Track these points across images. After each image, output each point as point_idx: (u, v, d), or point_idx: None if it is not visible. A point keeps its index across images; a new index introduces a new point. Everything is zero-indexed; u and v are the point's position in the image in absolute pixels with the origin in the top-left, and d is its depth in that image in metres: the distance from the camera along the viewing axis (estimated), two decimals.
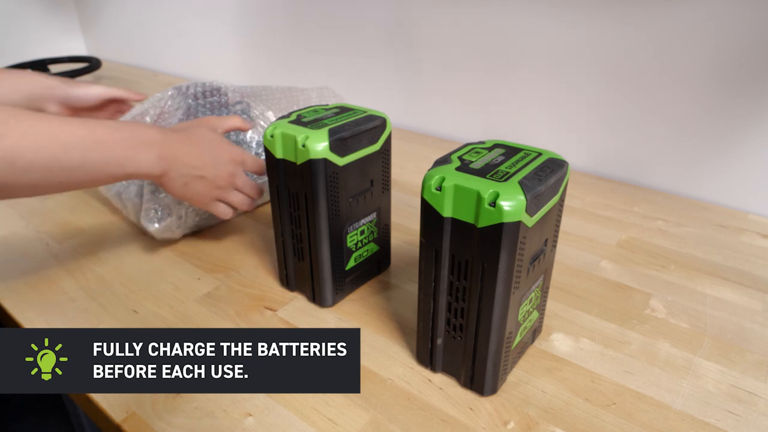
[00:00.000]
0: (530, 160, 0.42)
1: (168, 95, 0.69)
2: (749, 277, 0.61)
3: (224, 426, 0.42)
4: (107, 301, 0.57)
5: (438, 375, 0.47)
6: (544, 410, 0.44)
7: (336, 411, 0.44)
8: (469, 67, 0.97)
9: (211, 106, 0.71)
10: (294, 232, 0.54)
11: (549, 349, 0.50)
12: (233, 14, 1.34)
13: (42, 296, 0.58)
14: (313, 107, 0.56)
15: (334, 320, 0.54)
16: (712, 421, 0.43)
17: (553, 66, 0.88)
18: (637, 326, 0.53)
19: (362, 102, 0.67)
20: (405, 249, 0.66)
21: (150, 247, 0.67)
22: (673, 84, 0.78)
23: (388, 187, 0.57)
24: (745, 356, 0.49)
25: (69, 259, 0.64)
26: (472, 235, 0.39)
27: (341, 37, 1.14)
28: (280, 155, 0.51)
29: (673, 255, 0.65)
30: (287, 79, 1.31)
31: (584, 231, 0.71)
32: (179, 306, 0.56)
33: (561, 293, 0.58)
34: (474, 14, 0.93)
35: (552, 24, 0.85)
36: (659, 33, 0.76)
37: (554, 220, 0.44)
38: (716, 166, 0.78)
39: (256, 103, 0.76)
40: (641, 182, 0.85)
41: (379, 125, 0.53)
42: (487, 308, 0.40)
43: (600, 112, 0.86)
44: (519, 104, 0.94)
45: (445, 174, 0.40)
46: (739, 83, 0.73)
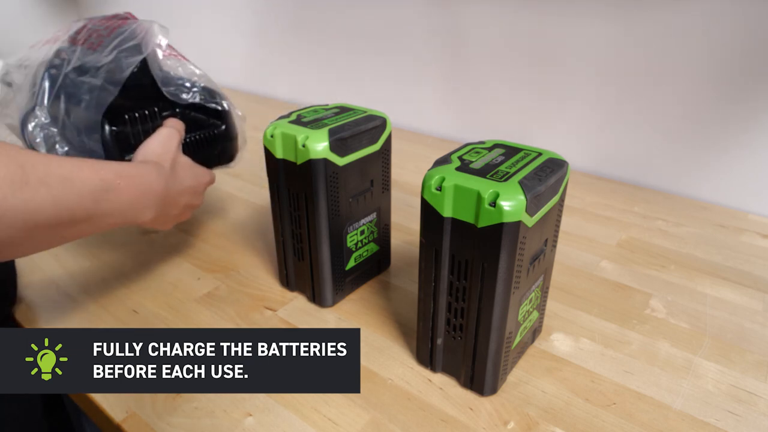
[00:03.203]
0: (530, 160, 0.42)
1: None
2: (749, 277, 0.61)
3: (224, 426, 0.42)
4: (107, 301, 0.57)
5: (438, 375, 0.47)
6: (544, 410, 0.44)
7: (336, 411, 0.44)
8: (469, 67, 0.98)
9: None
10: (294, 232, 0.54)
11: (549, 349, 0.50)
12: (234, 14, 1.34)
13: (42, 296, 0.58)
14: (313, 107, 0.56)
15: (334, 320, 0.54)
16: (712, 421, 0.43)
17: (553, 66, 0.88)
18: (637, 326, 0.53)
19: (363, 102, 0.67)
20: (405, 249, 0.66)
21: (150, 247, 0.67)
22: (674, 84, 0.78)
23: (388, 187, 0.57)
24: (745, 356, 0.49)
25: (69, 260, 0.64)
26: (472, 235, 0.39)
27: (342, 38, 1.14)
28: (280, 155, 0.51)
29: (673, 255, 0.65)
30: (289, 80, 1.32)
31: (584, 231, 0.71)
32: (179, 306, 0.56)
33: (561, 293, 0.58)
34: (474, 15, 0.93)
35: (552, 24, 0.85)
36: (659, 33, 0.76)
37: (554, 220, 0.44)
38: (716, 166, 0.78)
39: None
40: (641, 182, 0.85)
41: (379, 125, 0.53)
42: (487, 308, 0.40)
43: (600, 112, 0.86)
44: (519, 104, 0.94)
45: (445, 174, 0.40)
46: (739, 83, 0.73)
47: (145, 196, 0.48)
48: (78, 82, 0.56)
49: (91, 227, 0.44)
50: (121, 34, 0.58)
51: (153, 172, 0.50)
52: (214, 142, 0.63)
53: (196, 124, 0.62)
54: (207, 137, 0.63)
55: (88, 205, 0.41)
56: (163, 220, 0.53)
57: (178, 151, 0.56)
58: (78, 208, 0.41)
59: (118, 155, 0.56)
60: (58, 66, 0.57)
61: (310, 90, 1.27)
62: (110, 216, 0.44)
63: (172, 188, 0.52)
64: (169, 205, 0.52)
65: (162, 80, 0.58)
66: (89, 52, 0.57)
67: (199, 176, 0.58)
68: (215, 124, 0.63)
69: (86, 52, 0.57)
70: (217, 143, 0.64)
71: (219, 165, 0.66)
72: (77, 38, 0.59)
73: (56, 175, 0.39)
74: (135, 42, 0.57)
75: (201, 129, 0.62)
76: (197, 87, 0.60)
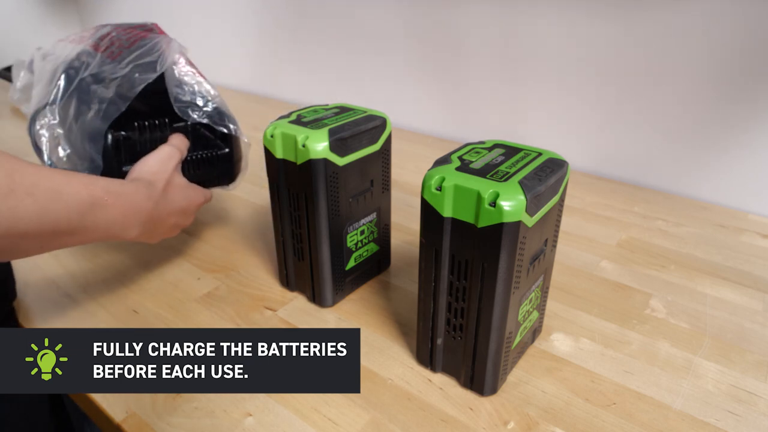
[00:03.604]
0: (530, 160, 0.42)
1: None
2: (749, 277, 0.61)
3: (224, 426, 0.42)
4: (107, 301, 0.57)
5: (438, 375, 0.47)
6: (544, 410, 0.44)
7: (336, 411, 0.44)
8: (469, 67, 0.98)
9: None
10: (294, 232, 0.54)
11: (549, 349, 0.50)
12: (236, 14, 1.34)
13: (42, 296, 0.58)
14: (313, 107, 0.56)
15: (334, 320, 0.54)
16: (712, 421, 0.43)
17: (553, 66, 0.88)
18: (637, 326, 0.53)
19: (363, 102, 0.67)
20: (405, 249, 0.66)
21: (150, 247, 0.67)
22: (674, 84, 0.78)
23: (388, 187, 0.57)
24: (745, 356, 0.49)
25: (69, 260, 0.64)
26: (472, 235, 0.39)
27: (342, 38, 1.14)
28: (280, 155, 0.51)
29: (673, 255, 0.65)
30: (289, 80, 1.32)
31: (584, 231, 0.71)
32: (179, 306, 0.56)
33: (561, 293, 0.58)
34: (474, 15, 0.93)
35: (552, 24, 0.85)
36: (659, 33, 0.76)
37: (554, 220, 0.44)
38: (716, 166, 0.78)
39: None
40: (641, 182, 0.86)
41: (379, 125, 0.53)
42: (487, 308, 0.40)
43: (600, 112, 0.86)
44: (519, 104, 0.94)
45: (445, 174, 0.40)
46: (739, 83, 0.73)
47: (132, 215, 0.48)
48: (91, 89, 0.57)
49: (75, 240, 0.44)
50: (141, 47, 0.59)
51: (143, 191, 0.50)
52: (216, 163, 0.64)
53: (201, 142, 0.63)
54: (209, 157, 0.63)
55: (73, 218, 0.42)
56: (149, 237, 0.53)
57: (175, 172, 0.56)
58: (63, 221, 0.41)
59: (117, 167, 0.57)
60: (77, 68, 0.58)
61: (310, 90, 1.27)
62: (95, 231, 0.45)
63: (162, 209, 0.52)
64: (157, 224, 0.52)
65: (175, 96, 0.59)
66: (108, 61, 0.58)
67: (191, 198, 0.58)
68: (220, 145, 0.64)
69: (105, 60, 0.58)
70: (219, 165, 0.64)
71: (217, 186, 0.66)
72: (100, 45, 0.60)
73: (44, 187, 0.39)
74: (152, 59, 0.58)
75: (206, 148, 0.63)
76: (209, 107, 0.61)
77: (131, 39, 0.60)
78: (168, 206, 0.54)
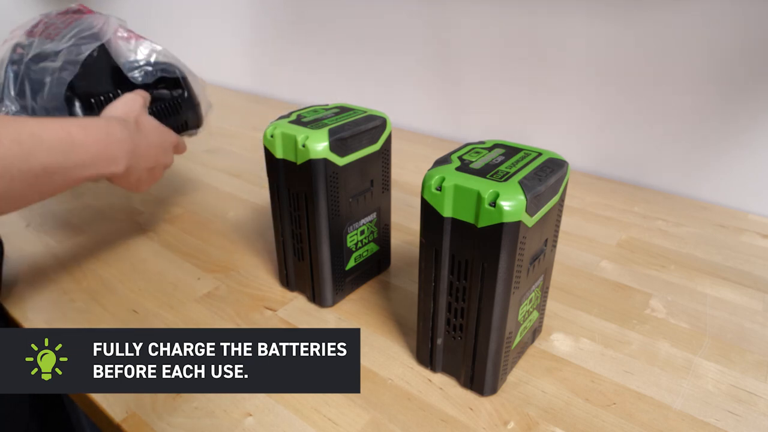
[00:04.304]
0: (530, 160, 0.42)
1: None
2: (749, 277, 0.61)
3: (224, 426, 0.42)
4: (107, 301, 0.57)
5: (438, 375, 0.47)
6: (544, 410, 0.44)
7: (336, 411, 0.44)
8: (469, 67, 0.98)
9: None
10: (294, 232, 0.54)
11: (549, 349, 0.50)
12: (236, 14, 1.34)
13: (42, 296, 0.58)
14: (313, 107, 0.56)
15: (334, 320, 0.54)
16: (712, 421, 0.43)
17: (554, 66, 0.88)
18: (637, 326, 0.53)
19: (363, 102, 0.67)
20: (405, 249, 0.66)
21: (150, 247, 0.67)
22: (673, 84, 0.78)
23: (388, 187, 0.57)
24: (745, 356, 0.49)
25: (69, 259, 0.64)
26: (472, 235, 0.39)
27: (342, 38, 1.14)
28: (280, 155, 0.51)
29: (673, 255, 0.65)
30: (289, 80, 1.32)
31: (584, 231, 0.71)
32: (179, 306, 0.56)
33: (561, 293, 0.58)
34: (474, 15, 0.93)
35: (552, 24, 0.85)
36: (659, 33, 0.76)
37: (554, 220, 0.44)
38: (716, 166, 0.78)
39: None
40: (641, 182, 0.86)
41: (379, 125, 0.53)
42: (487, 308, 0.40)
43: (600, 112, 0.86)
44: (519, 104, 0.94)
45: (445, 174, 0.40)
46: (739, 83, 0.73)
47: (112, 145, 0.50)
48: (38, 68, 0.59)
49: (66, 180, 0.46)
50: (78, 26, 0.61)
51: (116, 124, 0.52)
52: (178, 108, 0.67)
53: (160, 96, 0.66)
54: (170, 105, 0.67)
55: (59, 158, 0.44)
56: (137, 176, 0.55)
57: (143, 111, 0.59)
58: (51, 162, 0.44)
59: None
60: (18, 60, 0.60)
61: (310, 90, 1.27)
62: (82, 167, 0.47)
63: (140, 141, 0.54)
64: (139, 156, 0.54)
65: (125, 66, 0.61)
66: (47, 42, 0.61)
67: (164, 134, 0.60)
68: (175, 94, 0.67)
69: (44, 41, 0.61)
70: (181, 109, 0.68)
71: (187, 131, 0.70)
72: (34, 31, 0.62)
73: (27, 132, 0.42)
74: (93, 31, 0.61)
75: (164, 100, 0.67)
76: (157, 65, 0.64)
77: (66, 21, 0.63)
78: (144, 139, 0.56)
